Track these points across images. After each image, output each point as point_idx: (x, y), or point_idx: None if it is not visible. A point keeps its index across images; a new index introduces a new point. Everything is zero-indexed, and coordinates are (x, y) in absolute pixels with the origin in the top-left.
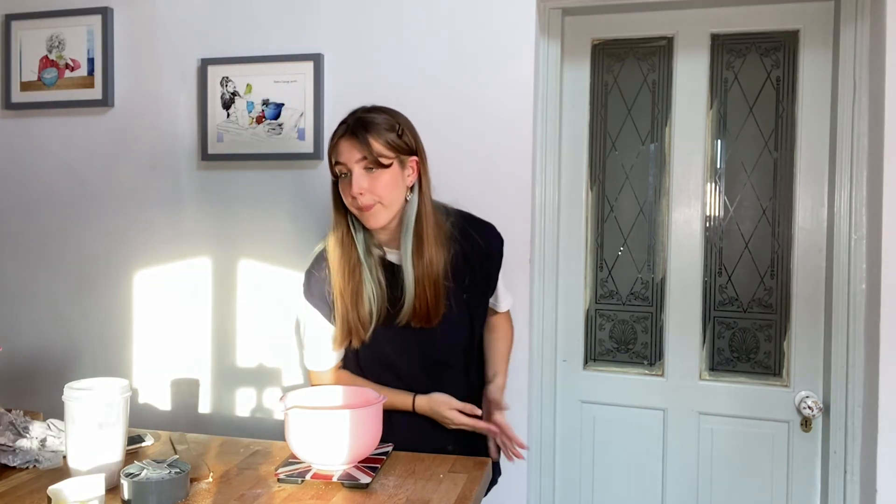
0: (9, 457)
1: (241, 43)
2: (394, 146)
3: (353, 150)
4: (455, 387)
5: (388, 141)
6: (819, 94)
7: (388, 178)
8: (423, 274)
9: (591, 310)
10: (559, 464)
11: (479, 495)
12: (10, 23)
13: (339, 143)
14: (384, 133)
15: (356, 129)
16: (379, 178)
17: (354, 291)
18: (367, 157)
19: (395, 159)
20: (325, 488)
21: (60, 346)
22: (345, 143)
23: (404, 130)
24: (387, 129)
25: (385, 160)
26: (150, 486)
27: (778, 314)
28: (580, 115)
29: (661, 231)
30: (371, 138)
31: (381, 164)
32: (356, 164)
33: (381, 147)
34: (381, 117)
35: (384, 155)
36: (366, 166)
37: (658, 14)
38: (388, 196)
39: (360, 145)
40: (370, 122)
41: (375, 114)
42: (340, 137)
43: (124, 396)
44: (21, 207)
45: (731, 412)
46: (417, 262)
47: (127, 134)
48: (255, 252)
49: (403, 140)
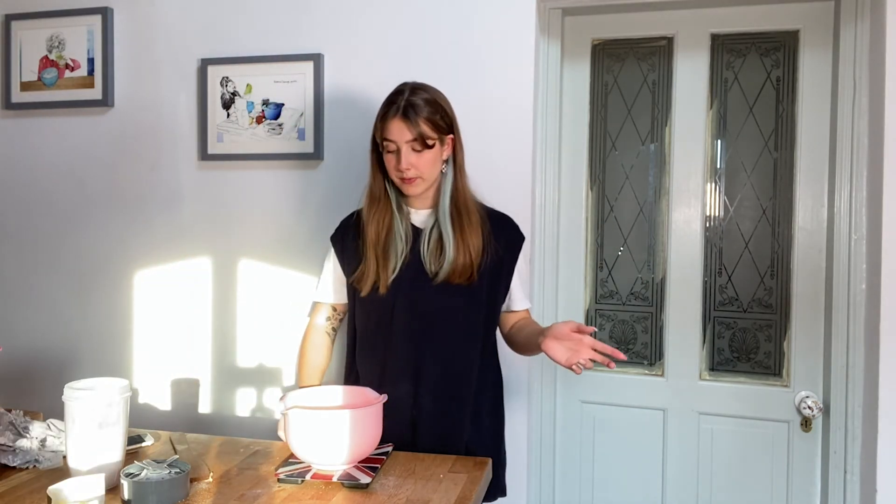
0: (9, 457)
1: (241, 43)
2: (437, 127)
3: (404, 131)
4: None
5: (433, 123)
6: (819, 94)
7: (430, 156)
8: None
9: (591, 310)
10: (559, 464)
11: (479, 495)
12: (10, 23)
13: (391, 122)
14: (430, 115)
15: (407, 111)
16: (423, 155)
17: (385, 242)
18: (417, 139)
19: (437, 139)
20: (324, 488)
21: (60, 346)
22: (396, 123)
23: (445, 111)
24: (433, 112)
25: (430, 141)
26: (150, 486)
27: (778, 314)
28: (580, 115)
29: (661, 231)
30: (421, 121)
31: (427, 145)
32: (405, 144)
33: (428, 130)
34: (428, 99)
35: (430, 137)
36: (413, 147)
37: (658, 14)
38: (428, 171)
39: (411, 127)
40: (420, 105)
41: (422, 95)
42: (393, 117)
43: (124, 396)
44: (21, 207)
45: (731, 412)
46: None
47: (127, 134)
48: (255, 252)
49: (444, 122)
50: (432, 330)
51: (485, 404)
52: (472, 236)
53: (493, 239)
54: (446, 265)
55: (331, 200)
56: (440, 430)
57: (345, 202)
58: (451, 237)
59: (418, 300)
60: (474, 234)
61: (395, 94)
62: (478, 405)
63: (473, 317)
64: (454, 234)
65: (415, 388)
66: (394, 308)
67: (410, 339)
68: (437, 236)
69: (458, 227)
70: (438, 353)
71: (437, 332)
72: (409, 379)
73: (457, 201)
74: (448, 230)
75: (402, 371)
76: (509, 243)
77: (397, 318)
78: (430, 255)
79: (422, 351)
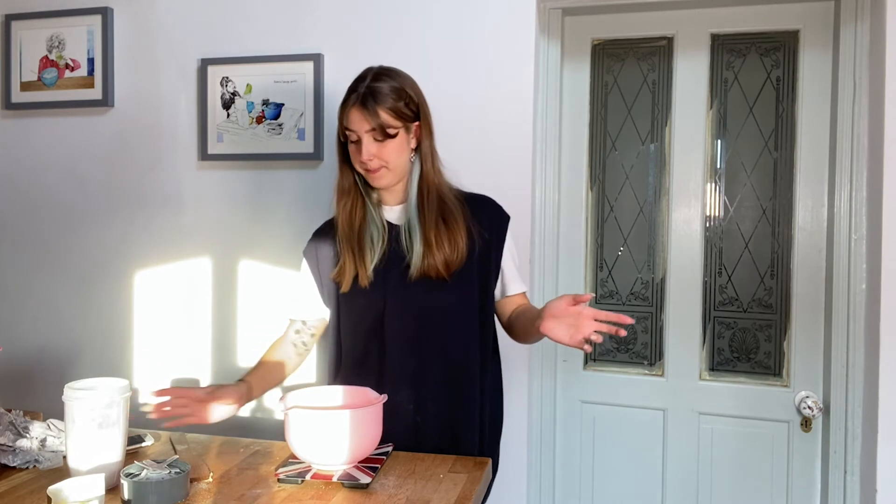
0: (9, 457)
1: (241, 43)
2: (401, 115)
3: (364, 121)
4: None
5: (395, 111)
6: (819, 94)
7: (394, 146)
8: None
9: None
10: (559, 464)
11: (479, 495)
12: (10, 23)
13: (351, 110)
14: (393, 103)
15: (366, 99)
16: (386, 145)
17: (358, 232)
18: (376, 128)
19: (401, 128)
20: (325, 488)
21: (60, 346)
22: (356, 113)
23: (410, 98)
24: (395, 99)
25: (392, 130)
26: (150, 486)
27: (778, 314)
28: (580, 115)
29: (661, 231)
30: (380, 109)
31: (388, 134)
32: (366, 133)
33: (390, 118)
34: (390, 86)
35: (392, 125)
36: (374, 136)
37: (658, 14)
38: (393, 161)
39: (370, 116)
40: (380, 92)
41: (384, 81)
42: (352, 106)
43: (124, 396)
44: (21, 208)
45: (731, 412)
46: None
47: (127, 134)
48: (255, 252)
49: (409, 108)
50: (427, 330)
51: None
52: (448, 226)
53: (476, 222)
54: (416, 258)
55: (331, 200)
56: (448, 435)
57: None
58: (418, 233)
59: (407, 300)
60: (451, 224)
61: (356, 80)
62: (482, 403)
63: (468, 309)
64: (422, 229)
65: (416, 393)
66: (384, 311)
67: (406, 342)
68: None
69: (431, 221)
70: (437, 353)
71: (432, 332)
72: (409, 385)
73: (426, 191)
74: (415, 225)
75: (401, 377)
76: (493, 224)
77: (389, 322)
78: (410, 252)
79: (419, 354)
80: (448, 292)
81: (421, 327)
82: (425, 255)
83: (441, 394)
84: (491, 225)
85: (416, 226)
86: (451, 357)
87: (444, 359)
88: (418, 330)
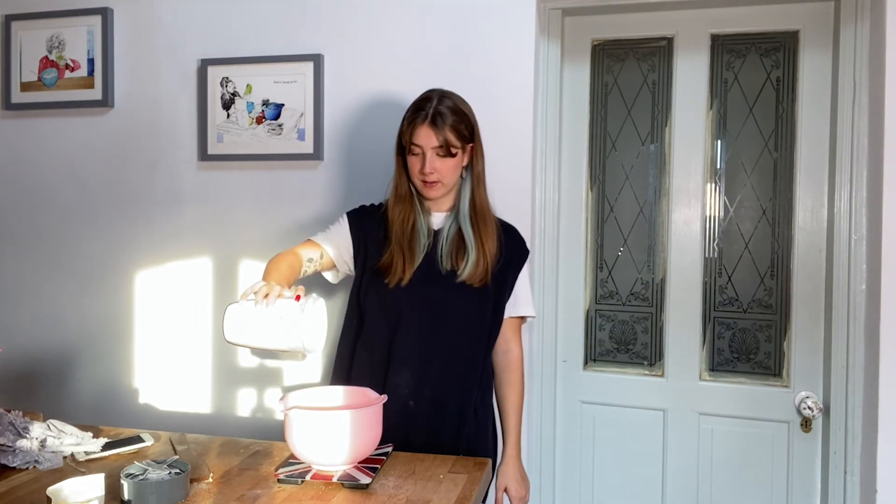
0: (9, 457)
1: (241, 43)
2: (461, 136)
3: (431, 138)
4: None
5: (458, 132)
6: (819, 94)
7: (453, 163)
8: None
9: (591, 310)
10: (559, 464)
11: (479, 495)
12: (10, 23)
13: (419, 128)
14: (456, 125)
15: (436, 119)
16: (447, 162)
17: (410, 238)
18: (442, 145)
19: (460, 148)
20: (325, 489)
21: (60, 346)
22: (424, 129)
23: (469, 121)
24: (458, 121)
25: (454, 149)
26: (150, 487)
27: (778, 314)
28: (580, 115)
29: (661, 231)
30: (447, 129)
31: (451, 152)
32: (430, 150)
33: (453, 138)
34: (454, 108)
35: (454, 145)
36: (438, 152)
37: (658, 14)
38: (448, 176)
39: (438, 135)
40: (446, 113)
41: (448, 104)
42: (422, 124)
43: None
44: (21, 208)
45: (731, 412)
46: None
47: (127, 134)
48: (255, 252)
49: (467, 130)
50: (440, 324)
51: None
52: (489, 241)
53: (504, 247)
54: (469, 267)
55: (331, 200)
56: (436, 421)
57: (344, 202)
58: (472, 240)
59: (429, 295)
60: (490, 240)
61: (423, 100)
62: (474, 400)
63: (481, 318)
64: (475, 238)
65: (416, 378)
66: (404, 299)
67: (418, 329)
68: (453, 238)
69: (478, 232)
70: (443, 347)
71: (444, 328)
72: (411, 368)
73: (475, 207)
74: (469, 233)
75: (407, 360)
76: (515, 255)
77: (407, 309)
78: (445, 255)
79: (427, 343)
80: (468, 297)
81: (434, 320)
82: (475, 262)
83: (438, 383)
84: (514, 255)
85: (471, 235)
86: (455, 353)
87: (448, 353)
88: (431, 322)
